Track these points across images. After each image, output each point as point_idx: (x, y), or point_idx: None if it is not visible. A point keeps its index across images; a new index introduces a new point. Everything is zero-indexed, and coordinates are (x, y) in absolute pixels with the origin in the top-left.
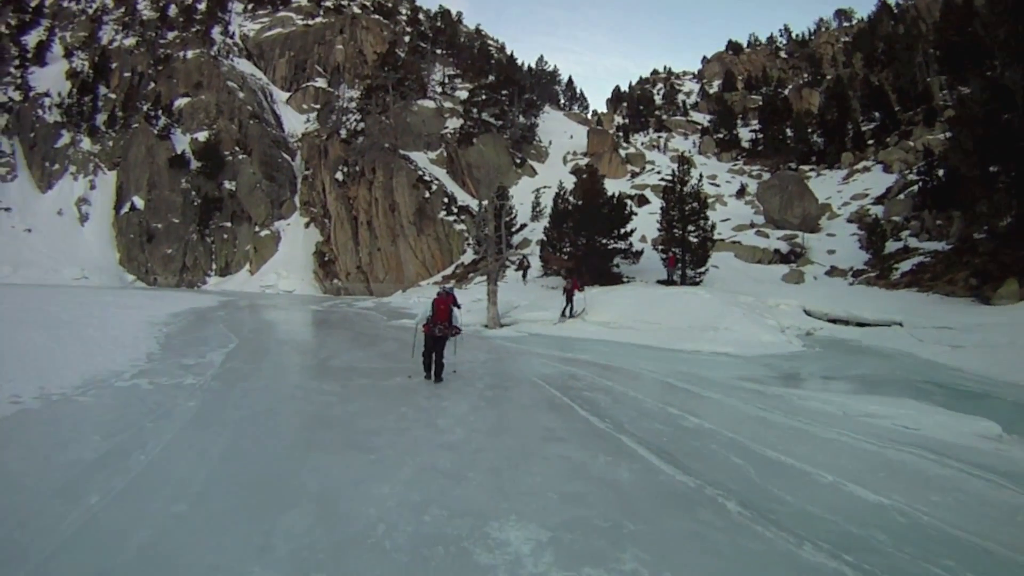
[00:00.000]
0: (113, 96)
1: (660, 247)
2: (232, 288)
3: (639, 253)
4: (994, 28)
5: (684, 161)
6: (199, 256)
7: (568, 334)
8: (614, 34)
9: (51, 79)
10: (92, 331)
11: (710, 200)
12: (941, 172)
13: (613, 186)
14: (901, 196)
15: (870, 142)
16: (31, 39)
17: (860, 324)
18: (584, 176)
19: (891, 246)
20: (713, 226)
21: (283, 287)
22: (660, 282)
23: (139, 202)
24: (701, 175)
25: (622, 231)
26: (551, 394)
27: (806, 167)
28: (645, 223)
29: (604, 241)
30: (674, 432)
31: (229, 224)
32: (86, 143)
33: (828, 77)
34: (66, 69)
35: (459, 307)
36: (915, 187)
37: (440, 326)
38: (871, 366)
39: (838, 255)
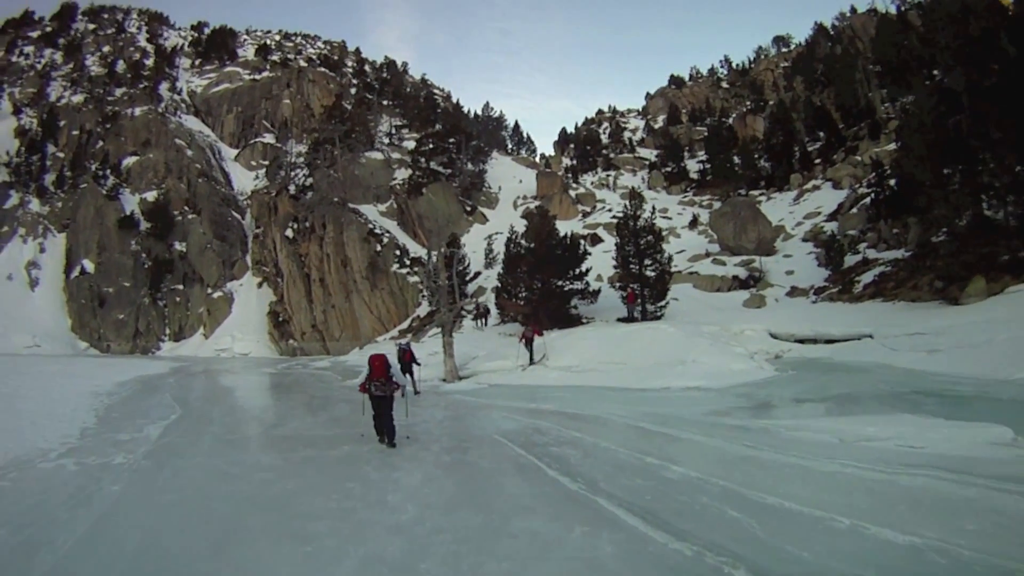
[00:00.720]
0: (61, 155)
1: (618, 284)
2: (187, 353)
3: (596, 292)
4: (933, 35)
5: (635, 196)
6: (152, 321)
7: (530, 382)
8: (557, 77)
9: None
10: (29, 403)
11: (664, 233)
12: (892, 182)
13: (565, 227)
14: (854, 210)
15: (817, 161)
16: None
17: (829, 341)
18: (535, 219)
19: (850, 260)
20: (670, 258)
21: (238, 350)
22: (620, 320)
23: (89, 265)
24: (654, 208)
25: (577, 271)
26: (515, 453)
27: (756, 192)
28: (600, 262)
29: (560, 283)
30: (657, 487)
31: (181, 287)
32: (35, 204)
33: (771, 102)
34: (14, 127)
35: (418, 364)
36: (867, 199)
37: (375, 384)
38: (850, 383)
39: (797, 275)
